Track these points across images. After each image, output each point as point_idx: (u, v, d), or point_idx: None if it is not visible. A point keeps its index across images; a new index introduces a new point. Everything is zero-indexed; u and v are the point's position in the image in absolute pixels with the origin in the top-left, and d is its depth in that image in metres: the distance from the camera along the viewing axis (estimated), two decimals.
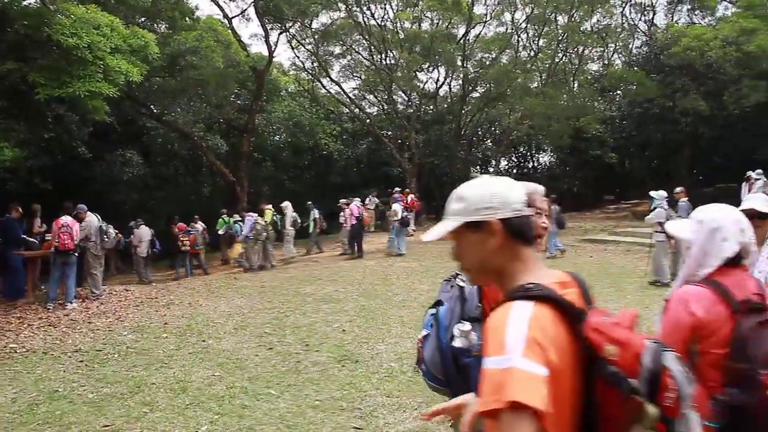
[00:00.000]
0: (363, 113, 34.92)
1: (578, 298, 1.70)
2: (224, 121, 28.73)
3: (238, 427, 5.49)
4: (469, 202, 1.80)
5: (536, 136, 34.60)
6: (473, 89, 34.63)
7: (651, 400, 1.49)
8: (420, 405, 5.87)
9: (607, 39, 35.21)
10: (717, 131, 26.75)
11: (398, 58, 30.99)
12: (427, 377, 2.64)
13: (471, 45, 33.14)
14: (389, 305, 10.88)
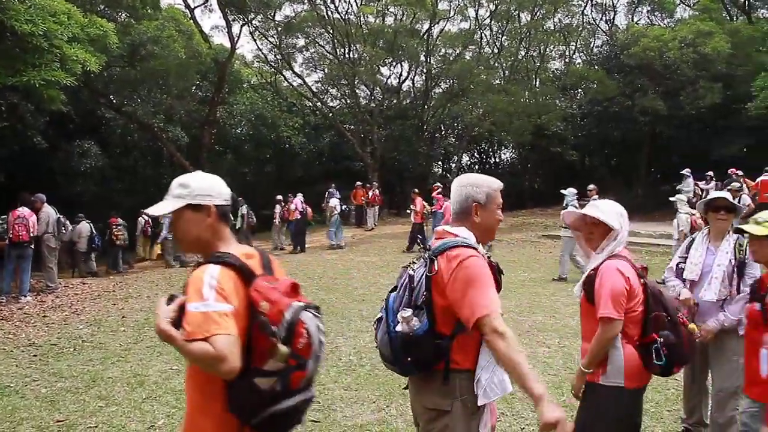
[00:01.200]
0: (326, 107, 34.81)
1: (258, 266, 2.31)
2: (185, 112, 28.37)
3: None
4: (191, 188, 2.39)
5: (498, 133, 34.83)
6: (436, 85, 34.80)
7: (287, 343, 2.10)
8: (378, 398, 5.90)
9: (569, 38, 35.68)
10: (674, 131, 27.28)
11: (362, 52, 30.96)
12: (382, 357, 2.88)
13: (434, 40, 33.30)
14: (349, 299, 10.89)
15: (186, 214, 2.38)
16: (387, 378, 6.45)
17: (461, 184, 2.92)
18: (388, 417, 5.43)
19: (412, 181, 31.94)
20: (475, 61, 32.48)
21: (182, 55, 21.62)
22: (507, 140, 37.94)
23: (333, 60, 33.00)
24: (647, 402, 5.70)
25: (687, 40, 25.00)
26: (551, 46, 35.50)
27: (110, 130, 26.34)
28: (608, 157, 34.44)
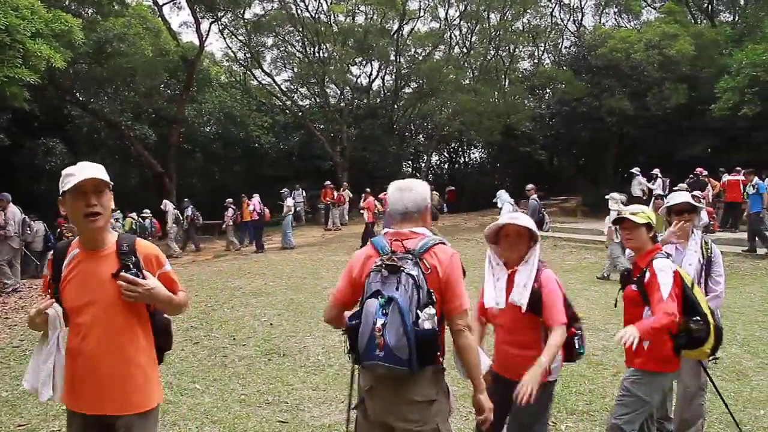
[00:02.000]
0: (295, 106, 34.66)
1: None
2: (153, 110, 28.08)
3: (161, 422, 5.36)
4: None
5: (468, 132, 34.96)
6: (406, 84, 34.85)
7: None
8: (346, 397, 5.86)
9: (538, 38, 35.98)
10: (641, 131, 27.59)
11: (331, 51, 30.87)
12: (387, 361, 2.82)
13: (404, 40, 33.34)
14: (318, 299, 10.84)
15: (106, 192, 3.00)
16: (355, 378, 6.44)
17: (415, 188, 3.15)
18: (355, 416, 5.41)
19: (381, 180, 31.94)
20: (445, 60, 32.57)
21: (149, 53, 21.39)
22: (476, 140, 38.10)
23: (303, 59, 32.86)
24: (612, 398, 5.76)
25: (653, 42, 25.31)
26: (520, 46, 35.75)
27: (76, 128, 25.98)
28: (576, 157, 34.75)
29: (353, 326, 2.97)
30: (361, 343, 2.90)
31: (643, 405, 3.75)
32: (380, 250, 3.03)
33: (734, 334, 8.21)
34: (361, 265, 3.09)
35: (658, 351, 3.71)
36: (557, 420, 5.32)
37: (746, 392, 6.02)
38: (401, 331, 2.79)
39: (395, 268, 2.90)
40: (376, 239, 3.14)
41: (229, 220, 19.76)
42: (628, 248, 4.02)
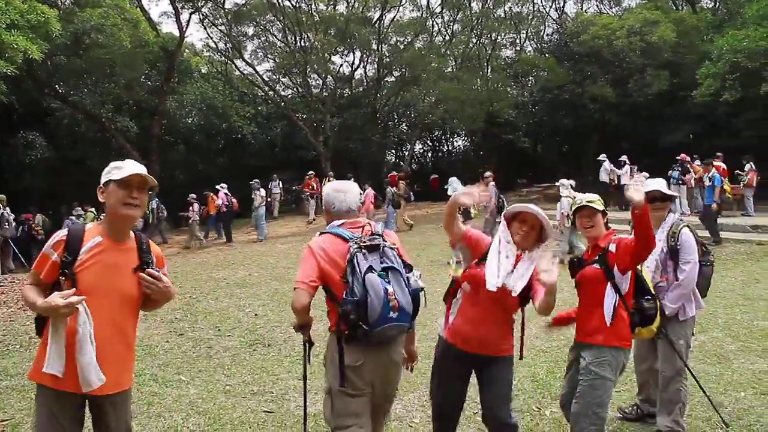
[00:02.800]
0: (277, 96, 34.45)
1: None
2: (134, 102, 27.85)
3: (146, 414, 5.36)
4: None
5: (451, 120, 34.97)
6: (388, 73, 34.76)
7: None
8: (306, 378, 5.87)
9: (520, 26, 35.97)
10: (623, 118, 27.69)
11: (313, 40, 30.69)
12: (400, 320, 3.30)
13: (386, 29, 33.20)
14: None
15: None
16: None
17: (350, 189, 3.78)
18: None
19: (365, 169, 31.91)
20: (427, 49, 32.52)
21: (128, 44, 21.13)
22: (459, 128, 38.14)
23: (284, 48, 32.67)
24: None
25: (634, 29, 25.39)
26: (502, 34, 35.77)
27: (56, 121, 25.73)
28: (559, 144, 34.89)
29: (357, 301, 3.23)
30: (373, 312, 3.20)
31: (611, 385, 3.87)
32: (347, 237, 3.46)
33: (716, 318, 8.30)
34: (334, 252, 3.42)
35: (620, 327, 3.86)
36: (541, 405, 5.37)
37: (727, 375, 6.09)
38: (406, 292, 3.35)
39: (375, 246, 3.39)
40: (335, 230, 3.55)
41: (195, 216, 19.63)
42: (588, 236, 4.09)
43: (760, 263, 12.73)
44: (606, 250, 3.91)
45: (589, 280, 3.97)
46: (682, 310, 4.59)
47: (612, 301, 3.83)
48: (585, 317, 4.00)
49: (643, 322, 3.95)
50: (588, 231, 4.05)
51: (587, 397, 3.83)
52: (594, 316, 3.90)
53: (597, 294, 3.90)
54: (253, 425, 5.09)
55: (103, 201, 3.17)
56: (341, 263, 3.37)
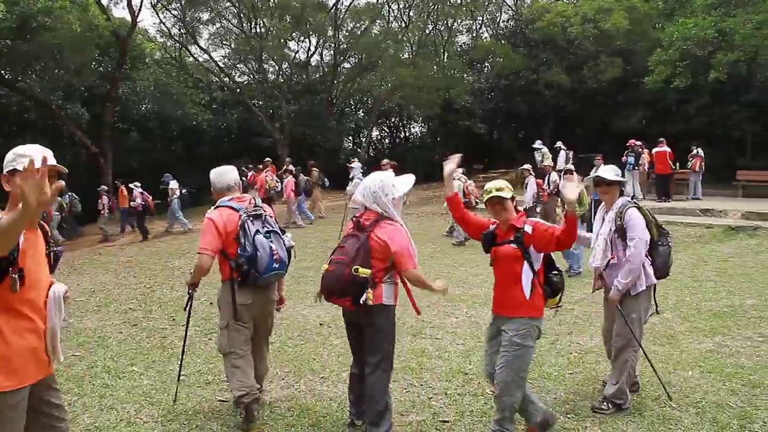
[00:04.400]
0: (233, 82, 34.10)
1: None
2: (85, 88, 27.22)
3: (98, 406, 5.26)
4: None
5: (407, 107, 35.04)
6: (345, 59, 34.65)
7: None
8: (287, 374, 5.87)
9: (476, 12, 36.00)
10: (577, 104, 28.01)
11: (269, 26, 30.38)
12: (281, 269, 4.64)
13: (342, 14, 33.02)
14: None
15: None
16: (296, 355, 6.46)
17: (228, 172, 4.88)
18: (296, 393, 5.42)
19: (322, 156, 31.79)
20: (383, 35, 32.49)
21: (77, 28, 20.54)
22: (416, 114, 38.23)
23: (240, 34, 32.28)
24: (551, 366, 5.90)
25: (588, 16, 25.66)
26: (458, 20, 35.81)
27: (4, 108, 25.05)
28: (515, 130, 35.12)
29: (249, 256, 4.45)
30: (262, 263, 4.47)
31: (532, 351, 4.25)
32: (237, 209, 4.60)
33: (666, 299, 8.47)
34: (228, 222, 4.54)
35: (536, 300, 4.19)
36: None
37: (676, 355, 6.23)
38: (284, 248, 4.68)
39: (258, 215, 4.65)
40: (227, 203, 4.66)
41: (105, 208, 19.26)
42: (499, 219, 4.32)
43: (709, 246, 13.05)
44: (523, 230, 4.17)
45: (507, 258, 4.24)
46: (633, 285, 4.82)
47: (529, 278, 4.15)
48: (504, 292, 4.29)
49: (553, 294, 4.29)
50: (499, 216, 4.30)
51: (514, 365, 4.11)
52: (513, 292, 4.19)
53: (514, 271, 4.19)
54: (207, 414, 5.03)
55: (8, 190, 2.86)
56: (234, 228, 4.51)
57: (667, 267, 5.02)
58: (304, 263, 11.79)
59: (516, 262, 4.18)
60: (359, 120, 39.56)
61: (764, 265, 10.76)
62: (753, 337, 6.62)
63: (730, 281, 9.62)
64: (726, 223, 14.70)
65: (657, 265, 4.93)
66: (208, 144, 32.75)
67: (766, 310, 7.76)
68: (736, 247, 12.73)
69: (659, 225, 5.01)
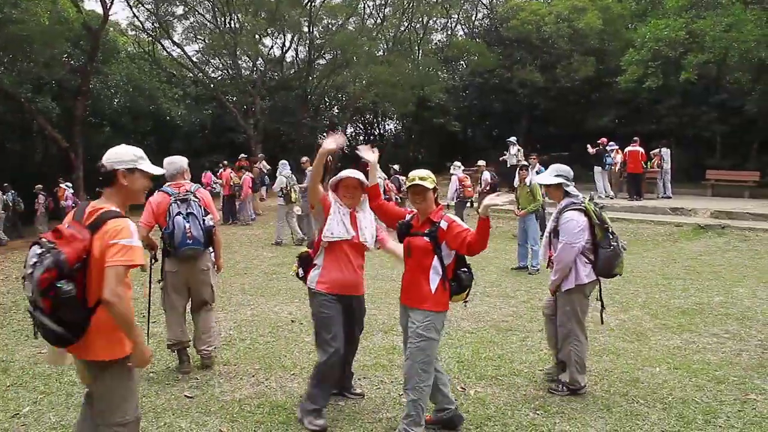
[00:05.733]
0: (207, 78, 33.81)
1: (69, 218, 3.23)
2: (55, 82, 26.79)
3: (65, 405, 5.19)
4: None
5: (382, 104, 35.03)
6: (320, 55, 34.52)
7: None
8: (257, 371, 5.83)
9: (451, 10, 36.07)
10: (551, 102, 28.19)
11: (243, 21, 30.17)
12: (194, 245, 5.53)
13: (317, 11, 32.88)
14: (231, 273, 10.69)
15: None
16: (266, 352, 6.43)
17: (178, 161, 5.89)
18: (267, 390, 5.39)
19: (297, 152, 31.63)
20: (358, 32, 32.40)
21: (45, 20, 20.15)
22: (391, 111, 38.22)
23: (214, 29, 31.99)
24: (521, 363, 5.94)
25: (562, 15, 25.86)
26: (433, 18, 35.83)
27: None
28: (489, 128, 35.24)
29: (170, 232, 5.45)
30: (177, 239, 5.43)
31: (436, 344, 4.31)
32: (170, 193, 5.59)
33: (636, 297, 8.58)
34: (161, 203, 5.56)
35: (442, 294, 4.25)
36: (466, 385, 5.43)
37: (645, 351, 6.30)
38: (198, 228, 5.52)
39: (185, 199, 5.58)
40: (164, 188, 5.67)
41: (41, 208, 18.95)
42: (417, 209, 4.41)
43: (678, 244, 13.23)
44: (438, 225, 4.23)
45: (418, 250, 4.30)
46: (564, 282, 5.13)
47: (438, 272, 4.21)
48: (411, 283, 4.35)
49: (460, 290, 4.34)
50: (418, 205, 4.35)
51: (417, 357, 4.18)
52: (420, 284, 4.26)
53: (424, 264, 4.26)
54: (176, 411, 4.98)
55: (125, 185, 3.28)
56: (164, 209, 5.52)
57: (609, 268, 5.17)
58: (276, 260, 11.76)
59: (426, 256, 4.25)
60: (334, 117, 39.45)
61: (731, 263, 10.94)
62: (719, 333, 6.72)
63: (699, 279, 9.76)
64: (695, 222, 14.91)
65: (598, 265, 5.14)
66: (182, 139, 32.39)
67: (732, 307, 7.88)
68: (704, 245, 12.92)
69: (606, 228, 5.14)
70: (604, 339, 6.71)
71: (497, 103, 30.28)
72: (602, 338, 6.74)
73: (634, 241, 13.81)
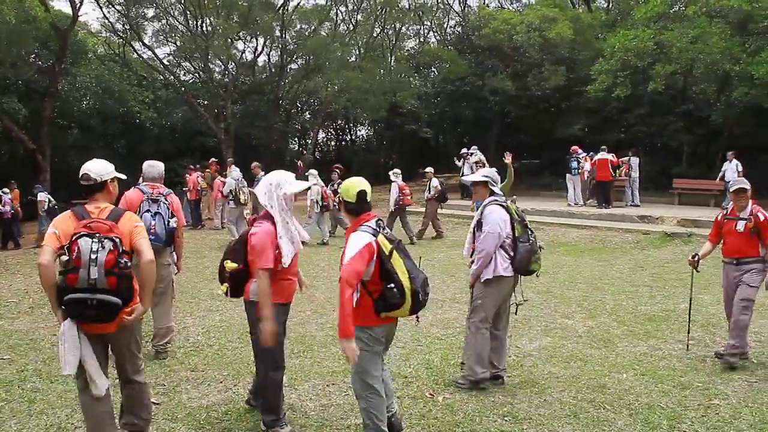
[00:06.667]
0: (177, 81, 33.49)
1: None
2: (22, 83, 26.40)
3: (27, 412, 5.09)
4: None
5: (354, 110, 35.04)
6: (292, 60, 34.46)
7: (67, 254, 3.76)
8: (225, 378, 5.79)
9: (424, 17, 36.20)
10: (522, 110, 28.36)
11: (215, 25, 29.99)
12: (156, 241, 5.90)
13: (290, 15, 32.81)
14: (200, 278, 10.62)
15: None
16: (235, 357, 6.39)
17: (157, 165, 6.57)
18: (235, 397, 5.35)
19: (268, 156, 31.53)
20: (331, 37, 32.37)
21: (12, 19, 19.82)
22: (363, 117, 38.26)
23: (185, 32, 31.74)
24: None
25: (534, 25, 26.05)
26: (406, 24, 35.93)
27: None
28: (461, 135, 35.35)
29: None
30: None
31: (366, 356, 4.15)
32: (144, 192, 6.19)
33: (604, 304, 8.68)
34: (134, 199, 6.16)
35: (363, 309, 4.10)
36: (435, 392, 5.44)
37: (612, 358, 6.37)
38: (162, 227, 6.13)
39: (155, 200, 6.18)
40: (140, 186, 6.31)
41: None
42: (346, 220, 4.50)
43: (646, 251, 13.39)
44: None
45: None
46: (483, 272, 5.38)
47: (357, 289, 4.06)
48: None
49: (387, 308, 4.13)
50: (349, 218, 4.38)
51: (356, 369, 4.21)
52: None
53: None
54: None
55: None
56: (136, 205, 6.07)
57: (526, 263, 5.39)
58: None
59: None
60: (305, 122, 39.38)
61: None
62: (684, 340, 6.81)
63: (666, 286, 9.90)
64: (663, 230, 15.10)
65: (516, 259, 5.38)
66: (152, 142, 32.11)
67: (697, 314, 7.98)
68: (671, 252, 13.10)
69: (525, 224, 5.48)
70: (572, 345, 6.78)
71: (468, 111, 30.41)
72: (570, 345, 6.80)
73: (602, 249, 13.97)
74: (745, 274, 6.15)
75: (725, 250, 6.37)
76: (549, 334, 7.25)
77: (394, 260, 4.13)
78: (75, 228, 3.81)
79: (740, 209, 6.22)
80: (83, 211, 3.98)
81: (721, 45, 18.92)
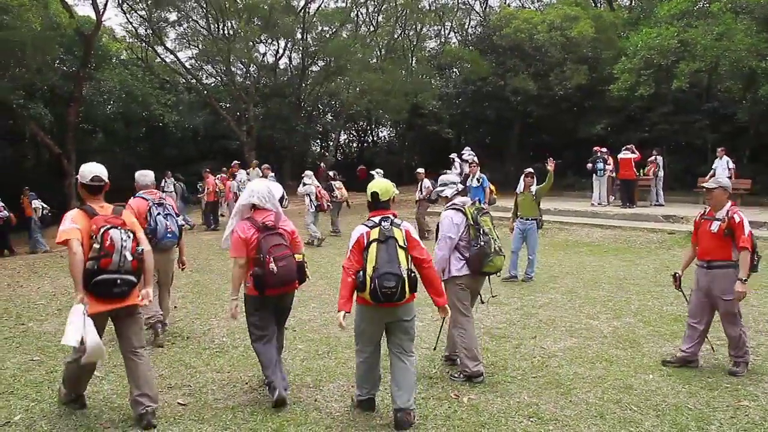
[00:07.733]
0: (200, 84, 33.74)
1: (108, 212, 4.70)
2: (48, 88, 26.72)
3: (57, 413, 5.15)
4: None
5: (375, 111, 35.06)
6: (313, 62, 34.53)
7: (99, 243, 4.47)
8: (251, 379, 5.82)
9: (444, 18, 36.17)
10: (544, 110, 28.22)
11: (236, 28, 30.16)
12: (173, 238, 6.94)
13: (311, 18, 32.92)
14: (224, 280, 10.67)
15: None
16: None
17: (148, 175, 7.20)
18: (260, 398, 5.37)
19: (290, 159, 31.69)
20: (352, 39, 32.43)
21: (37, 26, 20.03)
22: (384, 118, 38.26)
23: (207, 36, 31.95)
24: (515, 369, 5.93)
25: (555, 24, 25.90)
26: (427, 25, 35.93)
27: None
28: (482, 135, 35.28)
29: (153, 229, 6.61)
30: (160, 234, 6.68)
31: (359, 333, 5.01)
32: (147, 199, 6.78)
33: (629, 304, 8.60)
34: (141, 207, 6.70)
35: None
36: (460, 393, 5.43)
37: (638, 358, 6.31)
38: (175, 225, 6.91)
39: (161, 204, 6.86)
40: (141, 194, 6.89)
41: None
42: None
43: (671, 251, 13.27)
44: None
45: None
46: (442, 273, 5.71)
47: None
48: None
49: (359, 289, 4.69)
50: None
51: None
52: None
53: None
54: (169, 419, 4.97)
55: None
56: (144, 211, 6.67)
57: (478, 264, 5.68)
58: None
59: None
60: (327, 123, 39.45)
61: None
62: (711, 340, 6.73)
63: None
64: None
65: (468, 260, 5.71)
66: (175, 146, 32.40)
67: None
68: None
69: (478, 228, 5.72)
70: (598, 346, 6.73)
71: (490, 111, 30.30)
72: (595, 345, 6.76)
73: (627, 249, 13.86)
74: (715, 284, 5.92)
75: (698, 251, 6.13)
76: (574, 335, 7.20)
77: (370, 251, 4.66)
78: (92, 222, 4.53)
79: (716, 209, 6.01)
80: (92, 209, 4.64)
81: (746, 42, 18.70)
